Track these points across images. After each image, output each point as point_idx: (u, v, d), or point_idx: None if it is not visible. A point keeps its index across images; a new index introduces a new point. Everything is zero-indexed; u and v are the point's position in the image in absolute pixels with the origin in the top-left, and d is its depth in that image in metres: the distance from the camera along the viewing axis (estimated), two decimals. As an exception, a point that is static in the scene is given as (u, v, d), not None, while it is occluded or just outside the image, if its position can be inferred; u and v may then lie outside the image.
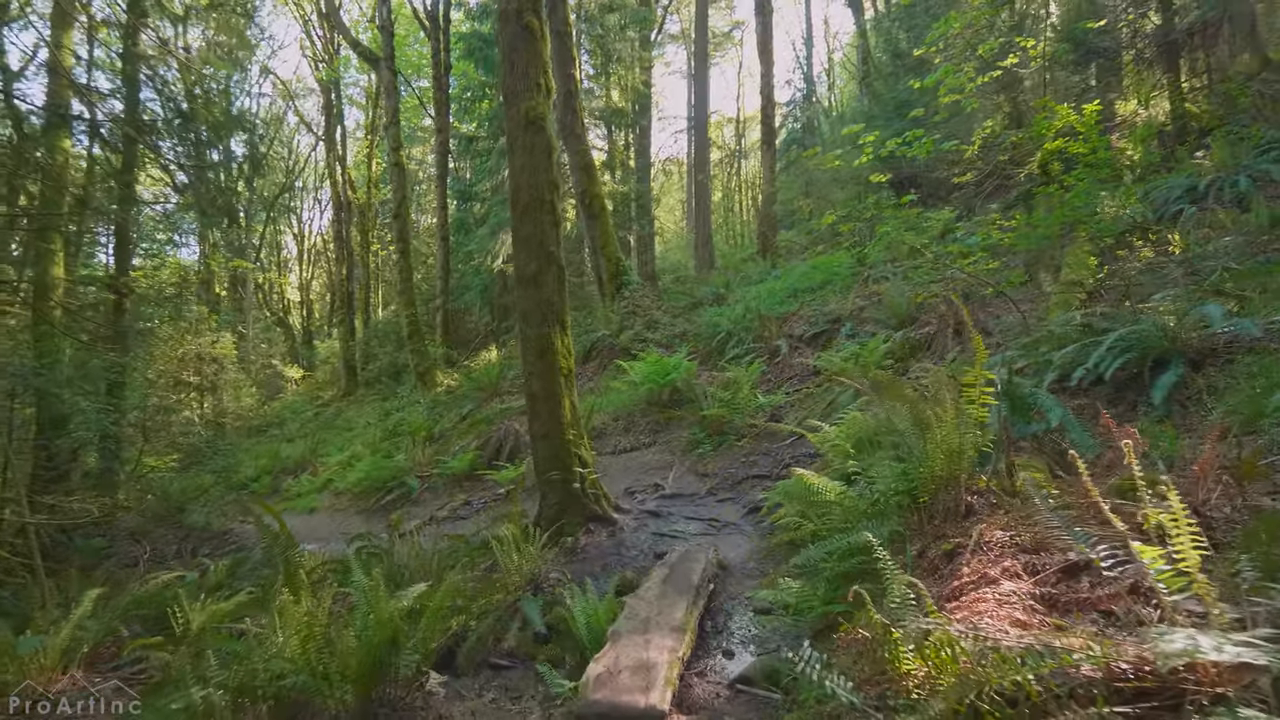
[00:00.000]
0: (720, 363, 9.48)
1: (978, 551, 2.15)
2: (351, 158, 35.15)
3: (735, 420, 6.92)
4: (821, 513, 2.95)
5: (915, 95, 13.93)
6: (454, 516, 8.60)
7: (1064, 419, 3.58)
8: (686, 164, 33.97)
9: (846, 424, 4.52)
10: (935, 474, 2.58)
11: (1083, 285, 7.03)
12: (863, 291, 9.36)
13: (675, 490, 6.04)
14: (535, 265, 5.05)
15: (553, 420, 5.04)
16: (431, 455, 10.99)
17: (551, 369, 5.06)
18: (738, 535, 4.84)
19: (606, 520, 5.13)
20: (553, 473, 5.00)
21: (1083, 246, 7.73)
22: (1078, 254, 7.66)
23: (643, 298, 12.55)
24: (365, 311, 28.97)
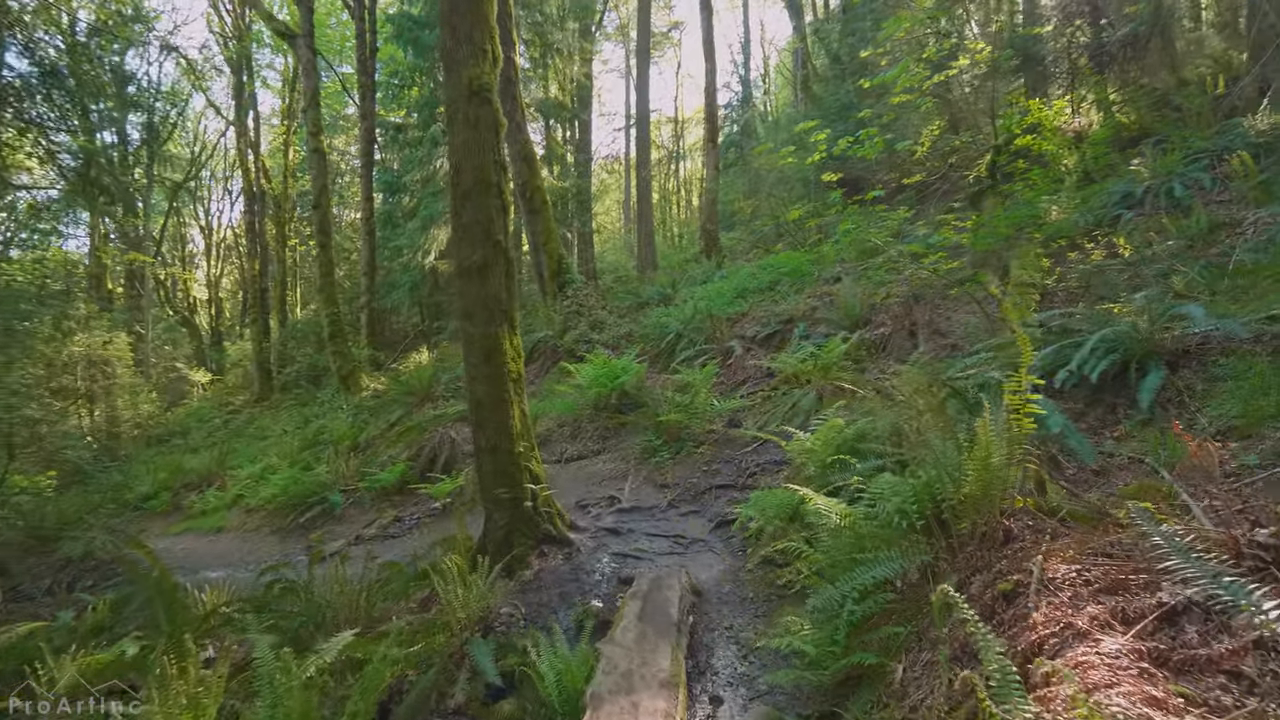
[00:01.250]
0: (672, 365, 9.09)
1: (1044, 591, 1.79)
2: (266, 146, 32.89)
3: (693, 426, 6.52)
4: (829, 538, 2.56)
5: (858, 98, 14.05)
6: (384, 535, 7.84)
7: (1064, 426, 3.35)
8: (625, 164, 33.64)
9: (824, 431, 4.18)
10: (969, 493, 2.22)
11: (1035, 286, 7.04)
12: (815, 292, 9.19)
13: (633, 503, 5.57)
14: (480, 256, 4.47)
15: (500, 431, 4.47)
16: (357, 467, 10.09)
17: (499, 373, 4.49)
18: (708, 553, 4.42)
19: (561, 541, 4.61)
20: (500, 490, 4.44)
21: (1030, 249, 7.79)
22: (1025, 256, 7.70)
23: (586, 297, 12.03)
24: (281, 310, 27.07)
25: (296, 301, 31.37)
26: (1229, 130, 7.97)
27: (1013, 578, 1.88)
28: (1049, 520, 2.22)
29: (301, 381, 21.89)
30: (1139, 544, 1.82)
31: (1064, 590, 1.78)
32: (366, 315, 19.54)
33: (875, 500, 2.73)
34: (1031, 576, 1.85)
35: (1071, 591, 1.77)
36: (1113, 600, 1.69)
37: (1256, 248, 5.94)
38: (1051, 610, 1.72)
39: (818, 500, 2.66)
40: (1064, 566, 1.86)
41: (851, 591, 2.16)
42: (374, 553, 7.19)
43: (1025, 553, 2.06)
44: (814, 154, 7.87)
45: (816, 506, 2.67)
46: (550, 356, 11.51)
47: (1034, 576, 1.84)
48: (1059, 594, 1.78)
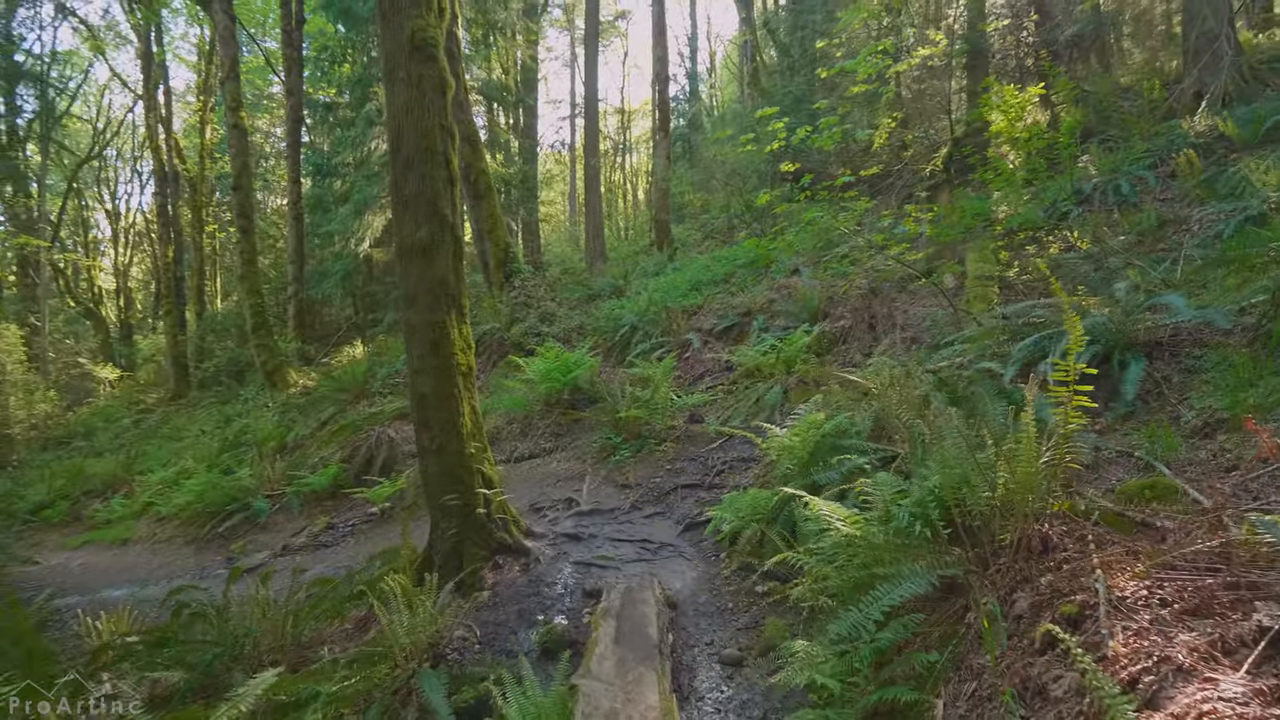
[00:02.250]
0: (627, 358, 8.73)
1: (1116, 614, 1.52)
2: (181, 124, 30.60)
3: (654, 422, 6.18)
4: (836, 550, 2.25)
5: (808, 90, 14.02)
6: (314, 544, 7.19)
7: (1061, 418, 3.16)
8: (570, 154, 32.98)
9: (803, 426, 3.90)
10: (1003, 497, 1.96)
11: (994, 279, 7.03)
12: (773, 284, 9.00)
13: (593, 505, 5.19)
14: (425, 233, 3.98)
15: (448, 430, 4.00)
16: (284, 470, 9.30)
17: (446, 365, 4.02)
18: (678, 559, 4.09)
19: (518, 550, 4.18)
20: (448, 496, 3.97)
21: (986, 242, 7.81)
22: (981, 249, 7.71)
23: (535, 288, 11.51)
24: (199, 301, 25.25)
25: (216, 292, 29.36)
26: (1169, 131, 8.20)
27: (1075, 598, 1.61)
28: (1084, 524, 1.98)
29: (222, 378, 20.44)
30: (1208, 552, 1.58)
31: (1139, 613, 1.52)
32: (294, 306, 18.33)
33: (884, 504, 2.45)
34: (1098, 596, 1.58)
35: (1150, 614, 1.51)
36: (1203, 625, 1.43)
37: (1203, 243, 6.05)
38: (1133, 639, 1.45)
39: (820, 507, 2.36)
40: (1132, 583, 1.60)
41: (875, 613, 1.87)
42: (302, 565, 6.59)
43: (1072, 564, 1.80)
44: (772, 143, 7.66)
45: (818, 512, 2.37)
46: (497, 350, 10.95)
47: (1100, 596, 1.57)
48: (1135, 617, 1.51)
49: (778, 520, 3.64)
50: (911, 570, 1.96)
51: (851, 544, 2.17)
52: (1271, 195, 5.77)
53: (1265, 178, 5.97)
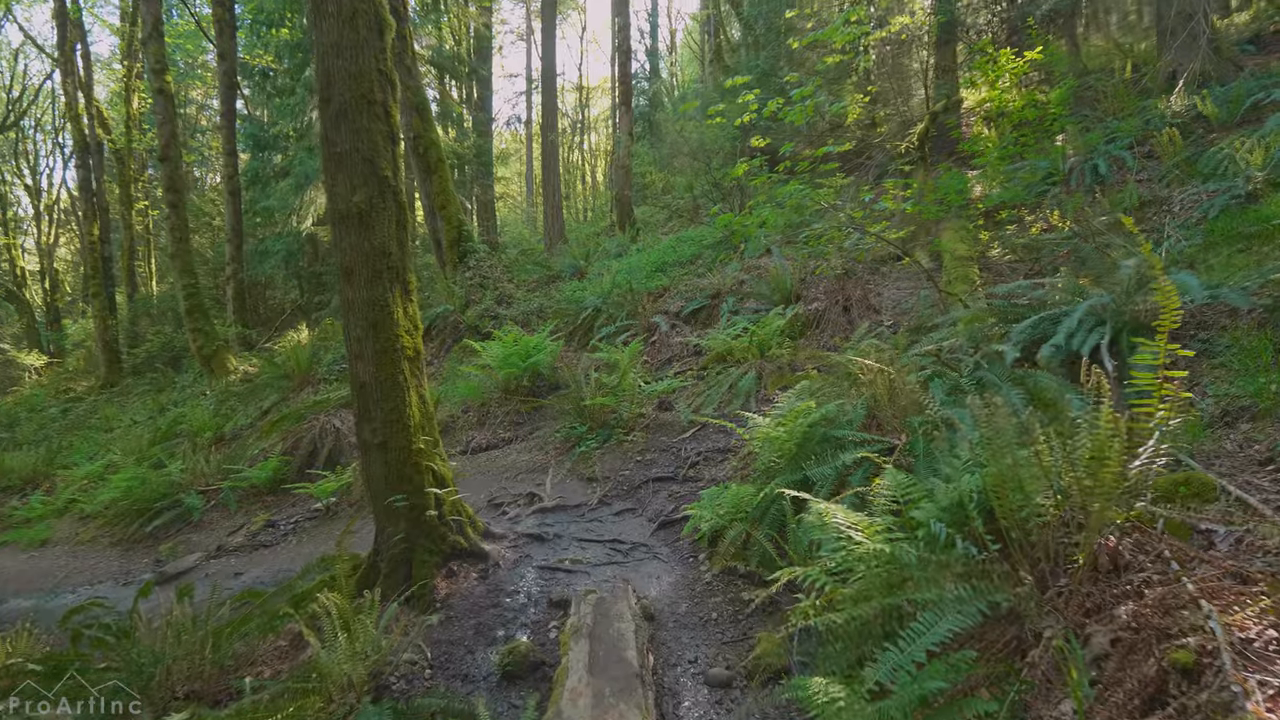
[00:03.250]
0: (591, 342, 8.28)
1: (1245, 663, 1.18)
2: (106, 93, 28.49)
3: (621, 410, 5.77)
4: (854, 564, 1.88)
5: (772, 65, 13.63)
6: (252, 544, 6.58)
7: (1081, 406, 2.87)
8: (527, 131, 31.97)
9: (790, 415, 3.55)
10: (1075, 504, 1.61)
11: (974, 259, 6.82)
12: (744, 265, 8.65)
13: (557, 500, 4.76)
14: (362, 196, 3.45)
15: (393, 422, 3.51)
16: (221, 463, 8.58)
17: (389, 348, 3.51)
18: (652, 561, 3.70)
19: (475, 555, 3.73)
20: (395, 497, 3.49)
21: (961, 222, 7.60)
22: (957, 229, 7.50)
23: (491, 268, 10.91)
24: (130, 282, 23.63)
25: (151, 273, 27.61)
26: (1144, 112, 8.11)
27: (1188, 641, 1.27)
28: (1158, 537, 1.65)
29: (157, 364, 19.18)
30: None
31: (1276, 663, 1.17)
32: (233, 288, 17.21)
33: (904, 510, 2.09)
34: (1215, 639, 1.24)
35: (1289, 663, 1.16)
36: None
37: (1186, 224, 5.92)
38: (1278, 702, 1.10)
39: (834, 515, 1.99)
40: (1254, 621, 1.26)
41: (917, 653, 1.51)
42: (238, 568, 6.00)
43: (1159, 591, 1.46)
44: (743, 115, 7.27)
45: (829, 520, 2.00)
46: (451, 334, 10.35)
47: (1220, 639, 1.23)
48: (1272, 669, 1.16)
49: (764, 519, 3.28)
50: (955, 596, 1.61)
51: (874, 561, 1.81)
52: (1257, 174, 5.66)
53: (1250, 157, 5.86)
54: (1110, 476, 1.54)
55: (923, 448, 2.99)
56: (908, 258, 5.75)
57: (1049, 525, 1.70)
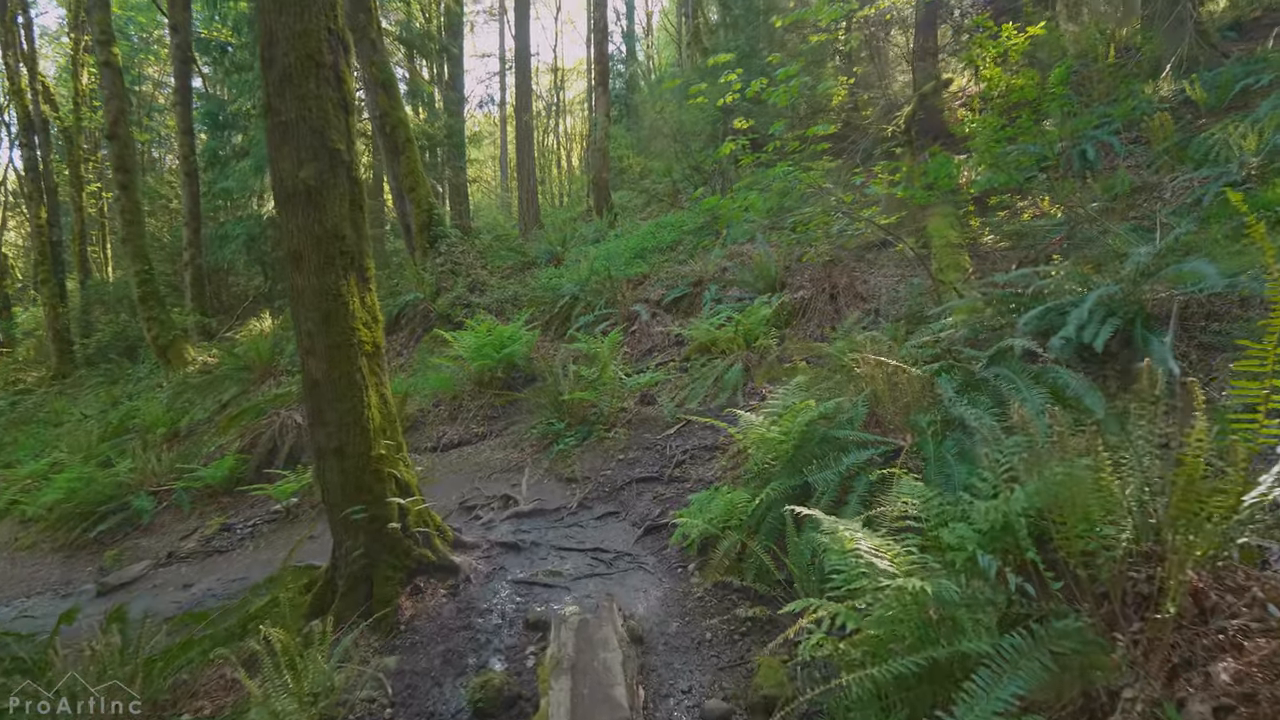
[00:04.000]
0: (568, 332, 7.94)
1: None
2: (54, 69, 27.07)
3: (601, 405, 5.46)
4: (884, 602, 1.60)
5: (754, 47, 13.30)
6: (206, 550, 6.16)
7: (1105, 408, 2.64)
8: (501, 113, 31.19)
9: (789, 414, 3.27)
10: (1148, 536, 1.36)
11: (963, 246, 6.62)
12: (725, 251, 8.36)
13: (534, 504, 4.44)
14: (311, 171, 3.06)
15: (349, 426, 3.16)
16: (174, 461, 8.09)
17: (344, 343, 3.15)
18: (638, 572, 3.42)
19: (444, 569, 3.41)
20: (353, 508, 3.14)
21: (948, 208, 7.40)
22: (944, 215, 7.30)
23: (463, 254, 10.46)
24: (82, 268, 22.55)
25: (106, 259, 26.42)
26: (1129, 97, 7.97)
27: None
28: (1247, 573, 1.40)
29: (111, 355, 18.32)
30: None
31: None
32: (192, 274, 16.43)
33: (927, 525, 1.83)
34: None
35: None
36: None
37: (1179, 211, 5.77)
38: None
39: (855, 537, 1.71)
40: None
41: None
42: (188, 578, 5.58)
43: (1255, 640, 1.20)
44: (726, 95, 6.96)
45: (850, 543, 1.73)
46: (422, 323, 9.91)
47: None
48: None
49: (761, 529, 3.02)
50: (1012, 646, 1.35)
51: (909, 599, 1.54)
52: (1251, 160, 5.52)
53: (1243, 142, 5.72)
54: (1220, 508, 1.29)
55: (933, 450, 2.75)
56: (900, 244, 5.50)
57: (1119, 559, 1.44)
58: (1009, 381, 2.71)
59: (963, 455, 2.68)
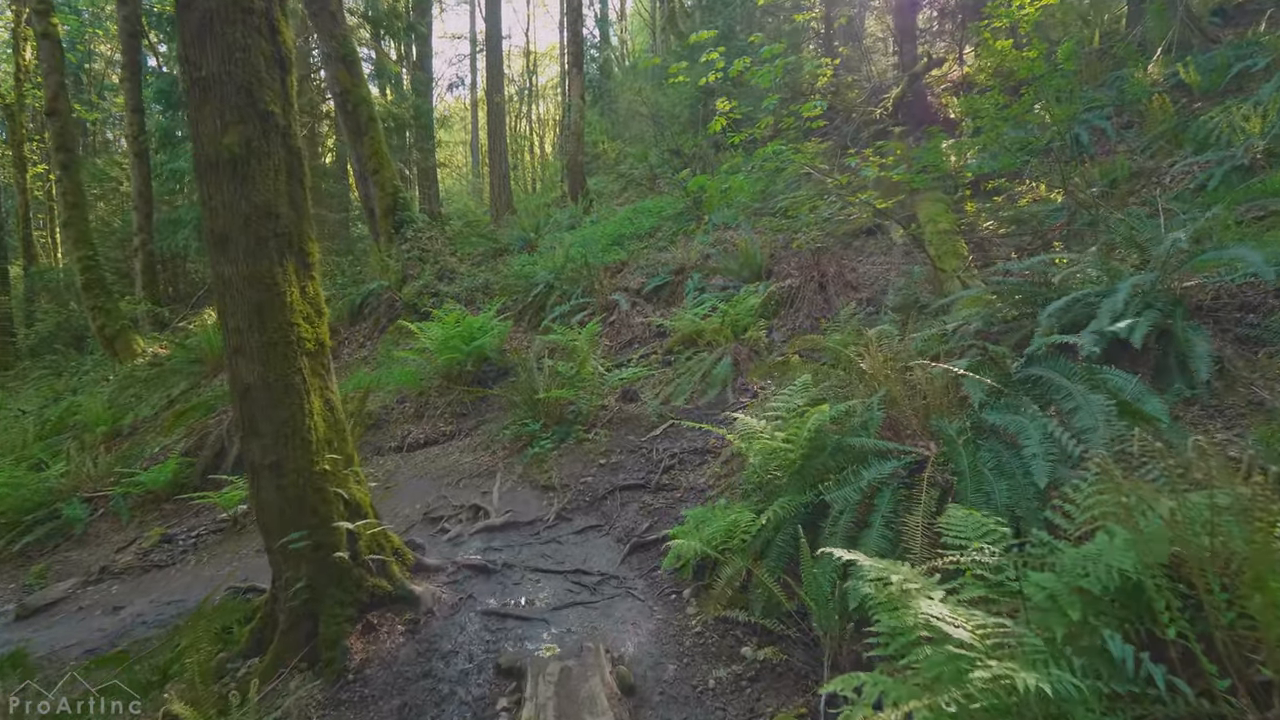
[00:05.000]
0: (543, 323, 7.48)
1: None
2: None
3: (580, 403, 5.03)
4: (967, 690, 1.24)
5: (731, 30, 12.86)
6: (144, 565, 5.62)
7: (1164, 413, 2.31)
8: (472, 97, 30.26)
9: (798, 422, 2.89)
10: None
11: (958, 232, 6.31)
12: (710, 237, 7.95)
13: (507, 515, 4.01)
14: (237, 136, 2.57)
15: (287, 438, 2.69)
16: (113, 464, 7.46)
17: (281, 341, 2.68)
18: (625, 600, 3.02)
19: (403, 600, 2.97)
20: (293, 535, 2.68)
21: (936, 193, 7.10)
22: (935, 200, 7.00)
23: (431, 240, 9.89)
24: (27, 254, 21.33)
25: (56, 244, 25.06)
26: (1119, 81, 7.75)
27: None
28: None
29: (56, 345, 17.30)
30: None
31: None
32: (142, 260, 15.51)
33: (993, 570, 1.46)
34: None
35: None
36: None
37: (1181, 196, 5.52)
38: None
39: (919, 596, 1.34)
40: None
41: None
42: (120, 598, 5.04)
43: None
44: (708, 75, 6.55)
45: (915, 601, 1.35)
46: (387, 312, 9.35)
47: None
48: None
49: (769, 553, 2.64)
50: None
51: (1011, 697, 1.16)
52: (1257, 143, 5.29)
53: (1246, 125, 5.49)
54: None
55: (966, 463, 2.39)
56: (900, 230, 5.16)
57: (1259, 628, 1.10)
58: (1054, 383, 2.36)
59: (1001, 470, 2.33)
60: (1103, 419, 2.07)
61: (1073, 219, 5.80)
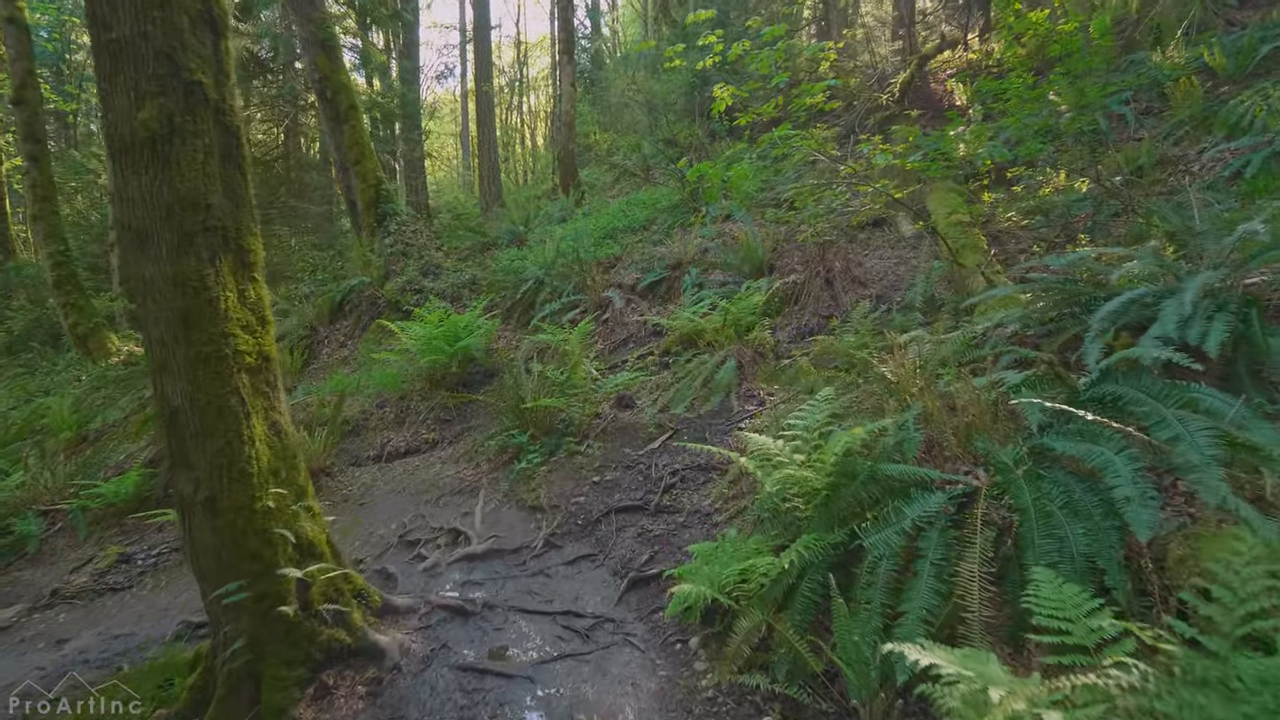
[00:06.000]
0: (532, 321, 7.05)
1: None
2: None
3: (571, 412, 4.62)
4: None
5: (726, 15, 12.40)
6: (98, 588, 5.18)
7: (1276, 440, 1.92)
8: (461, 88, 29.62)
9: (829, 446, 2.50)
10: None
11: (973, 224, 5.93)
12: (713, 230, 7.53)
13: (490, 541, 3.60)
14: (155, 111, 2.14)
15: (222, 470, 2.27)
16: (75, 472, 6.99)
17: (213, 356, 2.25)
18: (623, 649, 2.62)
19: (364, 653, 2.56)
20: (229, 588, 2.27)
21: (946, 183, 6.71)
22: (946, 190, 6.61)
23: (415, 233, 9.42)
24: (3, 248, 20.68)
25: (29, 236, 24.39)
26: (1136, 65, 7.38)
27: None
28: None
29: (33, 343, 16.75)
30: None
31: None
32: (119, 255, 14.97)
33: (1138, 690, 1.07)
34: None
35: None
36: None
37: (1214, 184, 5.15)
38: None
39: None
40: None
41: None
42: (66, 629, 4.61)
43: None
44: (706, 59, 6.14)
45: None
46: (368, 310, 8.89)
47: None
48: None
49: (792, 603, 2.24)
50: None
51: None
52: (1304, 127, 4.92)
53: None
54: None
55: (1031, 500, 2.00)
56: (917, 222, 4.76)
57: None
58: (1138, 404, 1.97)
59: (1074, 509, 1.94)
60: (1210, 451, 1.68)
61: (1098, 209, 5.43)
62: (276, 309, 10.80)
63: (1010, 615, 2.01)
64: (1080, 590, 1.36)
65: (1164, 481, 2.06)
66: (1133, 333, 2.91)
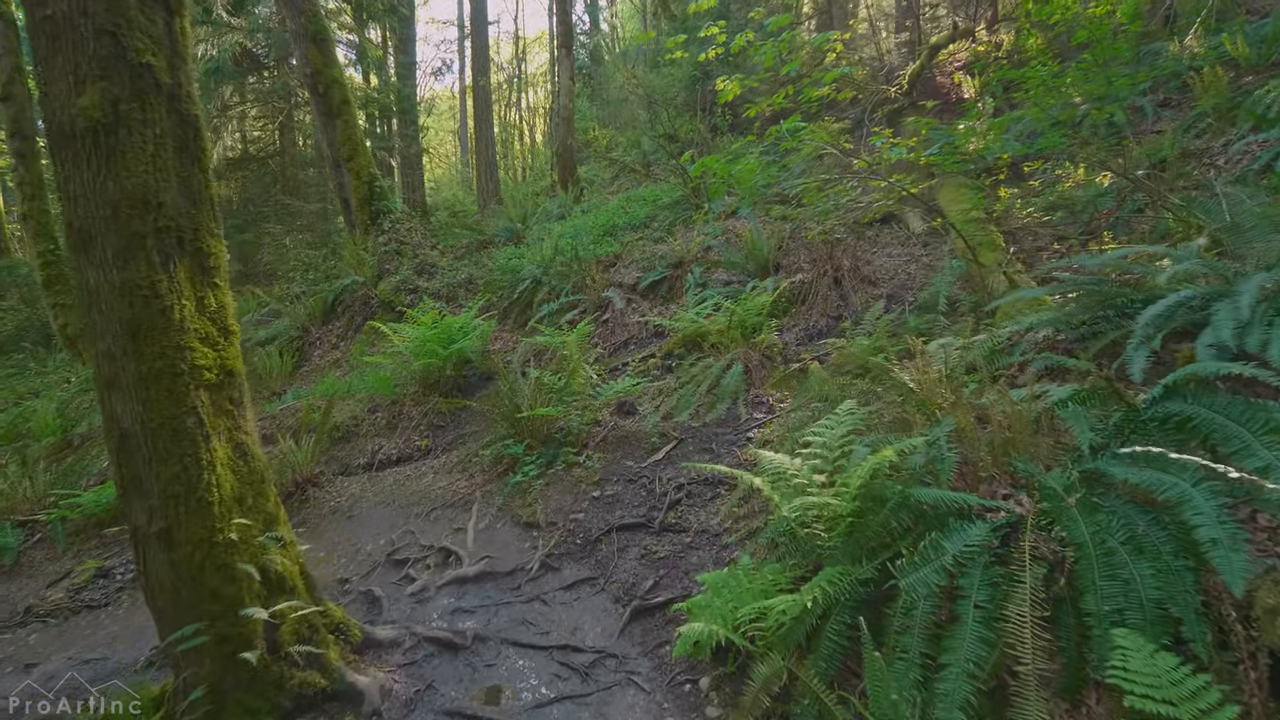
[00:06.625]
0: (530, 322, 6.81)
1: None
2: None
3: (570, 421, 4.38)
4: None
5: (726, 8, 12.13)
6: (74, 605, 4.95)
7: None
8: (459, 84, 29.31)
9: (857, 470, 2.26)
10: None
11: (988, 221, 5.69)
12: (719, 227, 7.28)
13: (483, 562, 3.37)
14: (97, 97, 1.89)
15: (178, 499, 2.03)
16: (55, 480, 6.76)
17: (167, 371, 2.02)
18: (627, 691, 2.39)
19: (340, 696, 2.32)
20: (188, 630, 2.03)
21: (958, 178, 6.47)
22: (958, 186, 6.36)
23: (410, 231, 9.17)
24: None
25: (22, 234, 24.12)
26: (1152, 56, 7.12)
27: None
28: None
29: (25, 343, 16.50)
30: None
31: None
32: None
33: None
34: None
35: None
36: None
37: (1243, 178, 4.90)
38: None
39: None
40: None
41: None
42: (34, 652, 4.38)
43: None
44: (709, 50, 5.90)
45: None
46: (361, 310, 8.64)
47: None
48: None
49: (816, 647, 2.01)
50: None
51: None
52: (1345, 119, 4.67)
53: (1332, 97, 4.88)
54: None
55: (1087, 534, 1.76)
56: (935, 219, 4.52)
57: None
58: (1214, 427, 1.73)
59: (1139, 547, 1.70)
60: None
61: (1121, 204, 5.19)
62: (268, 309, 10.54)
63: (1063, 665, 1.78)
64: (1178, 662, 1.13)
65: (1239, 514, 1.82)
66: (1178, 339, 2.67)
